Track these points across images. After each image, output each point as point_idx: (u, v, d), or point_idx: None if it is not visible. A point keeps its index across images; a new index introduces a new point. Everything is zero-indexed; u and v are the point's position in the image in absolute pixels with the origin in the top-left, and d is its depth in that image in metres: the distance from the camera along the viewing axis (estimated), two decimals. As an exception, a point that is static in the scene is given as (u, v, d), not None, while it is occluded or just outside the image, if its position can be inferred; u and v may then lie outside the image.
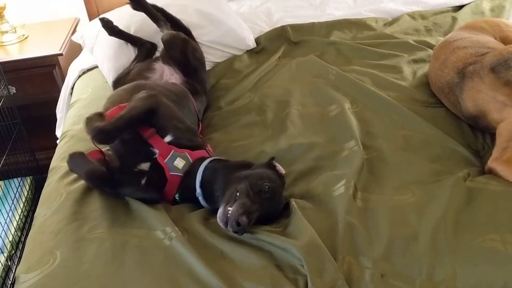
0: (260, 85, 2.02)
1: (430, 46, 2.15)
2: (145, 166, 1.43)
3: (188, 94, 1.79)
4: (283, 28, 2.36)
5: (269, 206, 1.29)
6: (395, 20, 2.46)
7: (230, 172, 1.35)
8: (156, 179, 1.40)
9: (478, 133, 1.62)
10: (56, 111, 2.47)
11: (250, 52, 2.28)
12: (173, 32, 1.96)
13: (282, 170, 1.40)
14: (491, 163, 1.42)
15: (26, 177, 2.72)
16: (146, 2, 2.06)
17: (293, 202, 1.33)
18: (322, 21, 2.44)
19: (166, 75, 1.97)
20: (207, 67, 2.09)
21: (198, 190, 1.37)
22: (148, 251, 1.21)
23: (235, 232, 1.20)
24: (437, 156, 1.51)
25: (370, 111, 1.73)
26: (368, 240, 1.20)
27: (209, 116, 1.90)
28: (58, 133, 2.45)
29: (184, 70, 1.90)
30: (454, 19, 2.40)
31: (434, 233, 1.20)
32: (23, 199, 2.56)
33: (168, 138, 1.44)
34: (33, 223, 1.45)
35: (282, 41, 2.32)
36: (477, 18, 2.30)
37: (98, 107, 1.88)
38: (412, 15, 2.49)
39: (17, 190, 2.55)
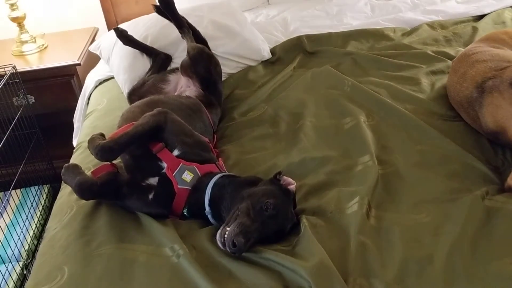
0: (274, 96, 1.99)
1: (450, 57, 2.10)
2: (153, 180, 1.42)
3: (202, 107, 1.78)
4: (299, 39, 2.34)
5: (274, 224, 1.26)
6: (413, 30, 2.42)
7: (237, 190, 1.33)
8: (164, 194, 1.39)
9: (498, 148, 1.56)
10: (73, 120, 2.48)
11: (265, 62, 2.25)
12: (199, 46, 1.95)
13: (291, 183, 1.37)
14: (511, 181, 1.37)
15: (44, 186, 2.74)
16: (175, 6, 2.04)
17: (304, 219, 1.30)
18: (339, 31, 2.41)
19: (181, 86, 1.96)
20: (222, 78, 2.08)
21: (207, 208, 1.36)
22: (155, 268, 1.20)
23: (233, 253, 1.18)
24: (454, 173, 1.46)
25: (386, 124, 1.69)
26: (380, 261, 1.16)
27: (222, 128, 1.88)
28: (75, 142, 2.46)
29: (204, 84, 1.90)
30: (475, 29, 2.34)
31: (450, 255, 1.16)
32: (40, 208, 2.58)
33: (176, 152, 1.43)
34: (44, 236, 1.45)
35: (298, 51, 2.29)
36: (498, 29, 2.24)
37: (113, 118, 1.88)
38: (431, 25, 2.44)
39: (34, 199, 2.58)
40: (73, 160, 1.82)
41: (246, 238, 1.17)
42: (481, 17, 2.49)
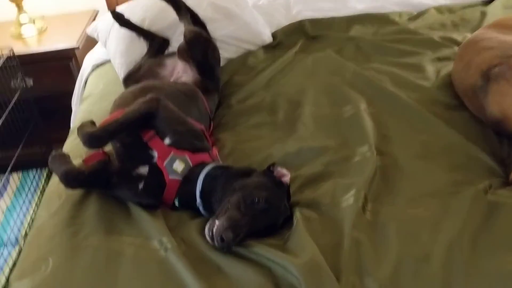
0: (273, 82, 1.93)
1: (456, 43, 2.02)
2: (143, 170, 1.37)
3: (199, 94, 1.73)
4: (301, 23, 2.26)
5: (266, 218, 1.21)
6: (420, 14, 2.33)
7: (229, 182, 1.28)
8: (155, 184, 1.35)
9: (504, 139, 1.49)
10: (72, 103, 2.44)
11: (266, 47, 2.18)
12: (196, 29, 1.89)
13: (285, 175, 1.32)
14: (515, 174, 1.31)
15: (43, 169, 2.73)
16: None
17: (297, 212, 1.25)
18: (342, 15, 2.33)
19: (178, 71, 1.91)
20: (221, 63, 2.02)
21: (198, 200, 1.31)
22: (142, 262, 1.15)
23: (221, 248, 1.13)
24: (457, 165, 1.40)
25: (388, 113, 1.63)
26: (375, 259, 1.11)
27: (219, 115, 1.82)
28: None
29: (201, 69, 1.84)
30: (483, 14, 2.25)
31: (448, 253, 1.10)
32: (39, 192, 2.57)
33: (167, 141, 1.38)
34: (33, 224, 1.41)
35: (300, 35, 2.21)
36: (508, 13, 2.16)
37: (109, 103, 1.82)
38: (439, 9, 2.35)
39: (31, 183, 2.56)
40: (67, 145, 1.78)
41: (235, 233, 1.12)
42: (491, 1, 2.39)
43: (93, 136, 1.33)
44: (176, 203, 1.35)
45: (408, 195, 1.30)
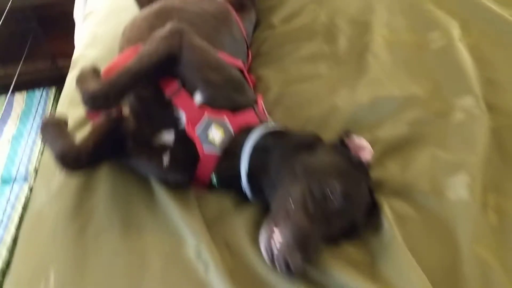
0: (329, -6, 1.49)
1: None
2: (168, 137, 1.01)
3: (231, 15, 1.32)
4: None
5: (344, 219, 0.86)
6: None
7: (286, 157, 0.92)
8: (184, 156, 0.99)
9: None
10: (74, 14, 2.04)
11: None
12: None
13: (364, 148, 0.94)
14: None
15: (50, 88, 2.42)
16: None
17: (385, 206, 0.89)
18: None
19: (204, -16, 1.47)
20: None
21: (245, 183, 0.96)
22: (174, 280, 0.84)
23: (287, 275, 0.80)
24: None
25: (491, 44, 1.22)
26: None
27: (258, 39, 1.42)
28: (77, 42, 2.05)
29: None
30: None
31: None
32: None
33: (198, 98, 1.00)
34: (29, 205, 1.08)
35: None
36: None
37: (118, 24, 1.43)
38: None
39: (38, 104, 2.28)
40: (68, 85, 1.42)
41: (305, 252, 0.78)
42: None
43: (97, 96, 0.94)
44: (214, 181, 1.01)
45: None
